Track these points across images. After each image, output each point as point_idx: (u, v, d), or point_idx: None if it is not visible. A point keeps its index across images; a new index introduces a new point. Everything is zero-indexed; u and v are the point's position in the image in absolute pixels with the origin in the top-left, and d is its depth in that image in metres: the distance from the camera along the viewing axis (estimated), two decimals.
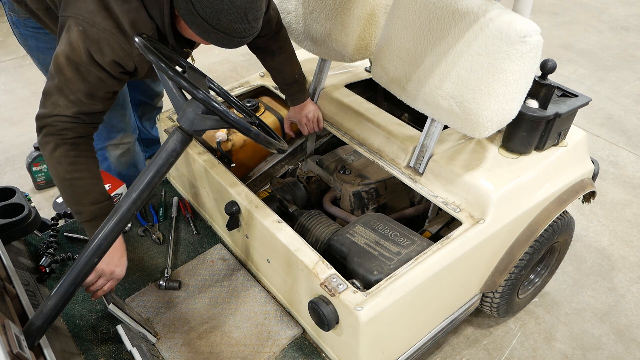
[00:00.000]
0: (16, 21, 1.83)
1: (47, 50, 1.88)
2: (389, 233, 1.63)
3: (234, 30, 1.29)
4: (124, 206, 1.31)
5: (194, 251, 1.95)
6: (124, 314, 1.56)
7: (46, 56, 1.90)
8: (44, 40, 1.85)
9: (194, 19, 1.28)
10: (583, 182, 1.87)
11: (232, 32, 1.29)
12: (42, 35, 1.84)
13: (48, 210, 2.62)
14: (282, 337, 1.66)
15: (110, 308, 1.53)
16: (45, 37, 1.84)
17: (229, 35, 1.30)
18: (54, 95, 1.39)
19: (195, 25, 1.29)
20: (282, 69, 1.88)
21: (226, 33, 1.29)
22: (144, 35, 1.33)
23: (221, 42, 1.33)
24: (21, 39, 1.88)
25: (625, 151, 3.17)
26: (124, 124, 2.14)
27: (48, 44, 1.86)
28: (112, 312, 1.54)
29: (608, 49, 4.32)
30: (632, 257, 2.48)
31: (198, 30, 1.30)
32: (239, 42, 1.35)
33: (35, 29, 1.83)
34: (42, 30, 1.82)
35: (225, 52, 4.14)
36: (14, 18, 1.82)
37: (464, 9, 1.45)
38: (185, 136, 1.30)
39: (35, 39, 1.86)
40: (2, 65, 3.86)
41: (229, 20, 1.27)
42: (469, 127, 1.52)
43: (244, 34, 1.32)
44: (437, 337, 1.76)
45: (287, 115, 2.08)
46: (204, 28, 1.29)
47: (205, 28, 1.29)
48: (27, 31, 1.84)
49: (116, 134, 2.14)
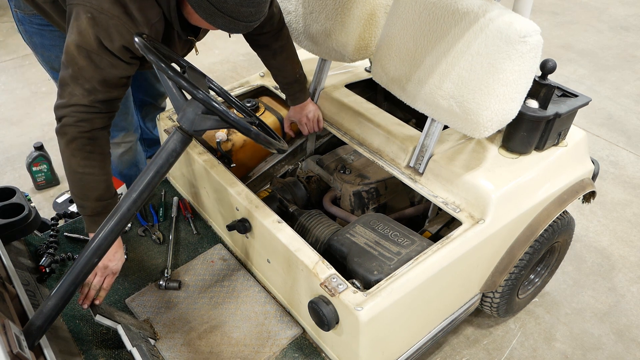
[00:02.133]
0: (22, 18, 1.84)
1: (52, 47, 1.88)
2: (389, 233, 1.63)
3: (240, 14, 1.29)
4: (124, 206, 1.31)
5: (194, 251, 1.95)
6: (114, 322, 1.55)
7: (51, 53, 1.90)
8: (49, 37, 1.85)
9: (200, 2, 1.28)
10: (583, 182, 1.87)
11: (238, 15, 1.29)
12: (47, 33, 1.84)
13: (48, 210, 2.62)
14: (282, 337, 1.66)
15: (97, 319, 1.51)
16: (50, 34, 1.85)
17: (235, 19, 1.30)
18: (70, 85, 1.39)
19: (202, 9, 1.29)
20: (283, 68, 1.88)
21: (232, 17, 1.29)
22: (144, 35, 1.33)
23: (228, 27, 1.33)
24: (26, 36, 1.89)
25: (625, 151, 3.18)
26: (126, 123, 2.14)
27: (53, 41, 1.87)
28: (100, 322, 1.52)
29: (608, 49, 4.32)
30: (632, 257, 2.48)
31: (204, 14, 1.30)
32: (246, 27, 1.34)
33: (40, 26, 1.83)
34: (47, 27, 1.83)
35: (225, 52, 4.14)
36: (19, 15, 1.83)
37: (464, 9, 1.45)
38: (185, 136, 1.30)
39: (41, 36, 1.86)
40: (2, 65, 3.86)
41: (235, 3, 1.26)
42: (469, 127, 1.52)
43: (251, 17, 1.31)
44: (437, 337, 1.76)
45: (287, 114, 2.08)
46: (210, 11, 1.28)
47: (212, 11, 1.28)
48: (32, 28, 1.85)
49: (118, 133, 2.14)
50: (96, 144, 1.46)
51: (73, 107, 1.40)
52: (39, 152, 2.65)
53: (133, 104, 2.20)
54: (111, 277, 1.57)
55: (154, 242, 1.98)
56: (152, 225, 2.04)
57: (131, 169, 2.31)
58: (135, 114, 2.24)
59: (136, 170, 2.34)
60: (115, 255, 1.56)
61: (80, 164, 1.44)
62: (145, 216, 2.08)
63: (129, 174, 2.32)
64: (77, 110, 1.40)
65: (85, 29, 1.33)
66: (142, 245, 1.96)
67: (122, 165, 2.28)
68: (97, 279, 1.54)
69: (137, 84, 2.35)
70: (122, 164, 2.27)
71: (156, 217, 2.07)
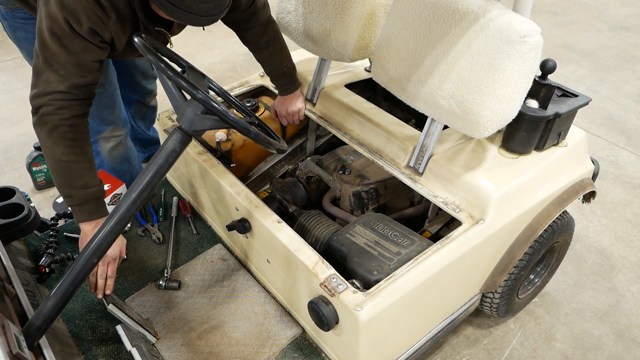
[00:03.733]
0: (5, 13, 1.84)
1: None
2: (389, 233, 1.63)
3: (199, 10, 1.32)
4: (124, 206, 1.31)
5: (194, 251, 1.95)
6: (124, 314, 1.56)
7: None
8: (32, 31, 1.85)
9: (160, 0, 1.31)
10: (583, 182, 1.87)
11: (198, 11, 1.32)
12: (30, 26, 1.85)
13: (48, 210, 2.62)
14: (282, 337, 1.66)
15: (109, 308, 1.53)
16: (33, 28, 1.84)
17: (195, 15, 1.33)
18: (45, 73, 1.40)
19: (163, 7, 1.32)
20: (270, 62, 1.94)
21: (192, 12, 1.32)
22: (143, 35, 1.33)
23: (191, 21, 1.36)
24: (10, 31, 1.89)
25: (625, 151, 3.17)
26: (114, 117, 2.14)
27: None
28: (112, 312, 1.54)
29: (608, 49, 4.32)
30: (632, 257, 2.48)
31: (166, 11, 1.33)
32: (210, 20, 1.37)
33: (23, 20, 1.83)
34: (30, 20, 1.83)
35: (225, 52, 4.14)
36: (2, 10, 1.83)
37: (464, 9, 1.45)
38: (184, 136, 1.30)
39: (25, 30, 1.87)
40: (2, 65, 3.86)
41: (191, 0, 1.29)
42: (469, 127, 1.52)
43: (211, 12, 1.34)
44: (437, 337, 1.76)
45: (273, 103, 2.12)
46: (170, 9, 1.31)
47: (172, 9, 1.31)
48: (15, 23, 1.85)
49: (106, 127, 2.14)
50: (77, 130, 1.46)
51: (50, 95, 1.40)
52: (39, 152, 2.65)
53: (122, 100, 2.20)
54: (113, 263, 1.58)
55: (153, 242, 1.98)
56: (152, 225, 2.04)
57: (123, 165, 2.32)
58: (123, 109, 2.24)
59: (129, 166, 2.34)
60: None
61: (64, 152, 1.45)
62: (145, 216, 2.08)
63: (122, 170, 2.32)
64: (55, 98, 1.41)
65: (54, 13, 1.34)
66: (142, 245, 1.96)
67: (114, 161, 2.27)
68: (101, 269, 1.55)
69: (123, 81, 2.35)
70: (114, 159, 2.27)
71: (156, 217, 2.07)
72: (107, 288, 1.57)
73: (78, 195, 1.49)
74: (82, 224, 1.54)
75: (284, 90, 2.01)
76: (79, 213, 1.52)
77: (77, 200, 1.50)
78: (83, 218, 1.52)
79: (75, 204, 1.51)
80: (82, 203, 1.50)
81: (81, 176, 1.49)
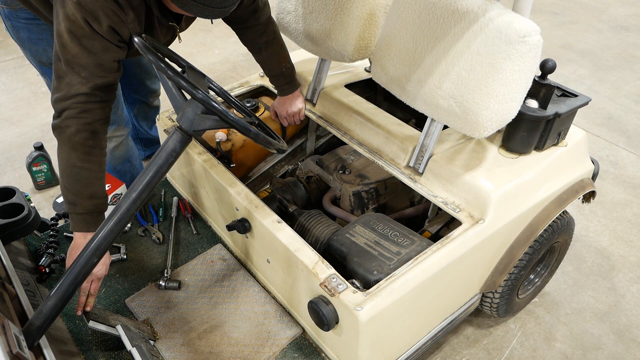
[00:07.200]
0: (8, 14, 1.84)
1: (39, 41, 1.89)
2: (389, 233, 1.63)
3: (212, 2, 1.31)
4: (124, 206, 1.31)
5: (194, 251, 1.95)
6: (108, 326, 1.53)
7: (38, 47, 1.91)
8: (35, 31, 1.86)
9: None
10: (583, 182, 1.87)
11: (211, 3, 1.32)
12: (34, 27, 1.85)
13: (48, 210, 2.62)
14: (282, 337, 1.66)
15: (90, 325, 1.50)
16: (37, 28, 1.86)
17: (208, 6, 1.32)
18: (67, 76, 1.39)
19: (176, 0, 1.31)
20: (269, 62, 1.93)
21: (205, 4, 1.31)
22: (143, 35, 1.33)
23: (202, 13, 1.35)
24: (13, 31, 1.89)
25: (625, 151, 3.17)
26: (116, 117, 2.14)
27: (40, 35, 1.87)
28: (93, 328, 1.51)
29: (608, 49, 4.32)
30: (632, 257, 2.48)
31: (179, 4, 1.32)
32: (221, 12, 1.37)
33: (27, 20, 1.84)
34: (34, 20, 1.83)
35: (225, 52, 4.14)
36: (6, 11, 1.83)
37: (463, 8, 1.45)
38: (184, 136, 1.30)
39: (28, 30, 1.87)
40: (2, 65, 3.86)
41: None
42: (469, 127, 1.52)
43: (224, 3, 1.34)
44: (437, 337, 1.76)
45: (272, 104, 2.11)
46: (183, 1, 1.31)
47: (185, 1, 1.30)
48: (19, 23, 1.85)
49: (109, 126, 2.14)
50: (97, 138, 1.46)
51: (74, 97, 1.40)
52: (39, 152, 2.65)
53: (124, 101, 2.21)
54: (97, 282, 1.54)
55: (153, 242, 1.98)
56: (152, 225, 2.04)
57: (124, 165, 2.32)
58: (125, 109, 2.25)
59: (130, 166, 2.34)
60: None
61: (81, 158, 1.43)
62: (145, 216, 2.08)
63: (123, 170, 2.32)
64: (79, 101, 1.40)
65: (72, 14, 1.33)
66: (142, 245, 1.96)
67: (115, 161, 2.28)
68: (84, 285, 1.51)
69: (126, 81, 2.35)
70: (115, 159, 2.27)
71: (156, 217, 2.07)
72: (88, 305, 1.53)
73: (82, 205, 1.47)
74: (77, 233, 1.50)
75: (284, 91, 2.01)
76: (78, 222, 1.49)
77: (79, 208, 1.47)
78: (80, 228, 1.49)
79: (77, 212, 1.48)
80: (84, 213, 1.48)
81: (91, 185, 1.47)
